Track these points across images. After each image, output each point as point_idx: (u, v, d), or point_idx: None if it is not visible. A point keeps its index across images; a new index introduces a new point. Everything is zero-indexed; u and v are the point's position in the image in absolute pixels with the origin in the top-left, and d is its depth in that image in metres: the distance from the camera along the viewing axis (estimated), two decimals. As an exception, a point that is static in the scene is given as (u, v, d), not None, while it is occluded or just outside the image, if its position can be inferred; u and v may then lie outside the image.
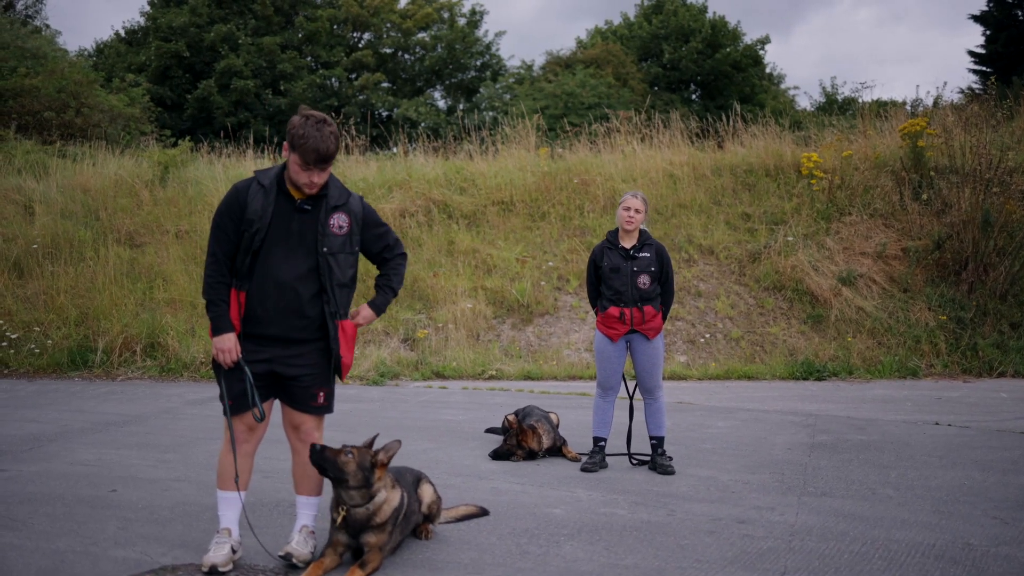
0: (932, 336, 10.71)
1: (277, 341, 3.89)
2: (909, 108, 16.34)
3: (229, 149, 15.96)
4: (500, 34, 46.14)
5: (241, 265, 3.86)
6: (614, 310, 5.77)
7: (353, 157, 15.18)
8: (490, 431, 6.93)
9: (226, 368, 3.86)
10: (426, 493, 4.33)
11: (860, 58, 64.94)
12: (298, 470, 4.10)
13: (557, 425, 6.45)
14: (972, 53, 27.70)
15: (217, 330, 3.85)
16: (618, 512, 4.82)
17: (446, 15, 34.80)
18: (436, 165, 14.39)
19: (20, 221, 12.74)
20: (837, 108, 24.14)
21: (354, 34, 34.21)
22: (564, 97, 26.69)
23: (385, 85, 33.04)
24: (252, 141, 16.39)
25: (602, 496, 5.17)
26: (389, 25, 34.04)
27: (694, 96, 34.49)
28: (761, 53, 35.43)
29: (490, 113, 26.33)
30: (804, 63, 67.25)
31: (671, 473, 5.70)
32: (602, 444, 5.95)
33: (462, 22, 35.16)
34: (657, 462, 5.81)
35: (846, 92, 30.24)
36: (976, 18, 27.33)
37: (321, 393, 4.00)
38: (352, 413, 7.81)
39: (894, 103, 17.50)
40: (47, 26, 28.56)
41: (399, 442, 4.01)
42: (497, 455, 6.10)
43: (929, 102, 16.61)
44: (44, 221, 12.58)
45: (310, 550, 3.96)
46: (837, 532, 4.44)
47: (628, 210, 5.80)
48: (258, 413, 3.88)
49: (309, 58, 31.53)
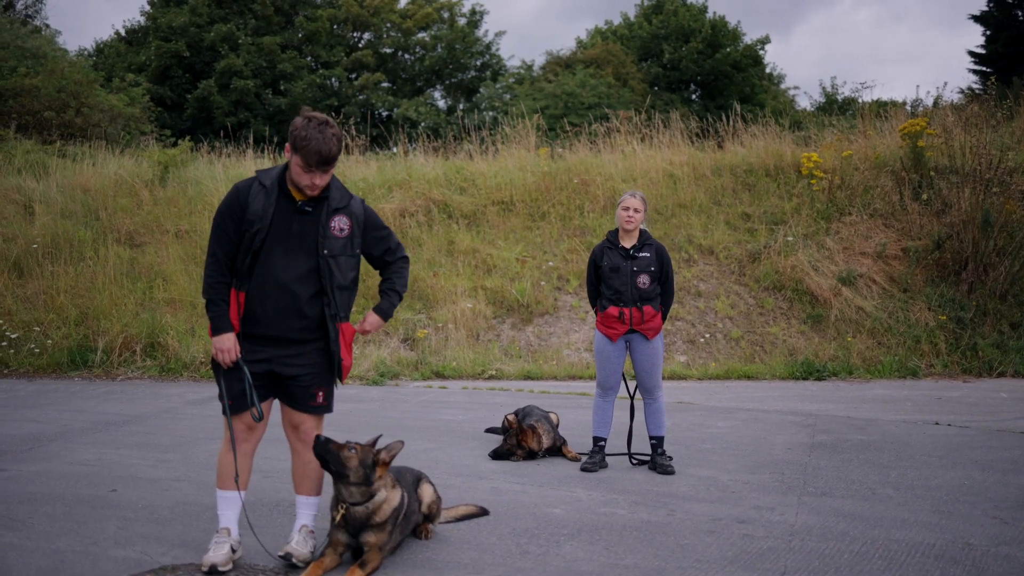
0: (932, 336, 10.71)
1: (276, 341, 3.90)
2: (909, 108, 16.35)
3: (229, 149, 15.96)
4: (500, 34, 46.20)
5: (241, 265, 3.86)
6: (613, 310, 5.77)
7: (353, 157, 15.18)
8: (490, 431, 6.93)
9: (225, 368, 3.87)
10: (426, 493, 4.33)
11: (860, 58, 65.01)
12: (298, 470, 4.11)
13: (557, 425, 6.45)
14: (972, 53, 27.73)
15: (216, 330, 3.86)
16: (618, 512, 4.83)
17: (446, 15, 34.80)
18: (436, 165, 14.39)
19: (20, 221, 12.74)
20: (837, 108, 24.13)
21: (354, 34, 34.21)
22: (564, 97, 26.69)
23: (385, 85, 33.04)
24: (252, 141, 16.38)
25: (602, 496, 5.17)
26: (389, 25, 34.04)
27: (694, 96, 34.49)
28: (761, 53, 35.45)
29: (490, 113, 26.32)
30: (804, 63, 67.31)
31: (671, 473, 5.70)
32: (602, 444, 5.95)
33: (462, 22, 35.16)
34: (657, 462, 5.82)
35: (846, 92, 30.28)
36: (976, 18, 27.33)
37: (320, 393, 4.00)
38: (352, 413, 7.80)
39: (894, 103, 17.51)
40: (47, 26, 28.60)
41: (402, 442, 4.02)
42: (497, 455, 6.11)
43: (929, 102, 16.64)
44: (44, 221, 12.58)
45: (310, 550, 3.97)
46: (837, 532, 4.44)
47: (627, 210, 5.80)
48: (256, 413, 3.88)
49: (309, 58, 31.52)
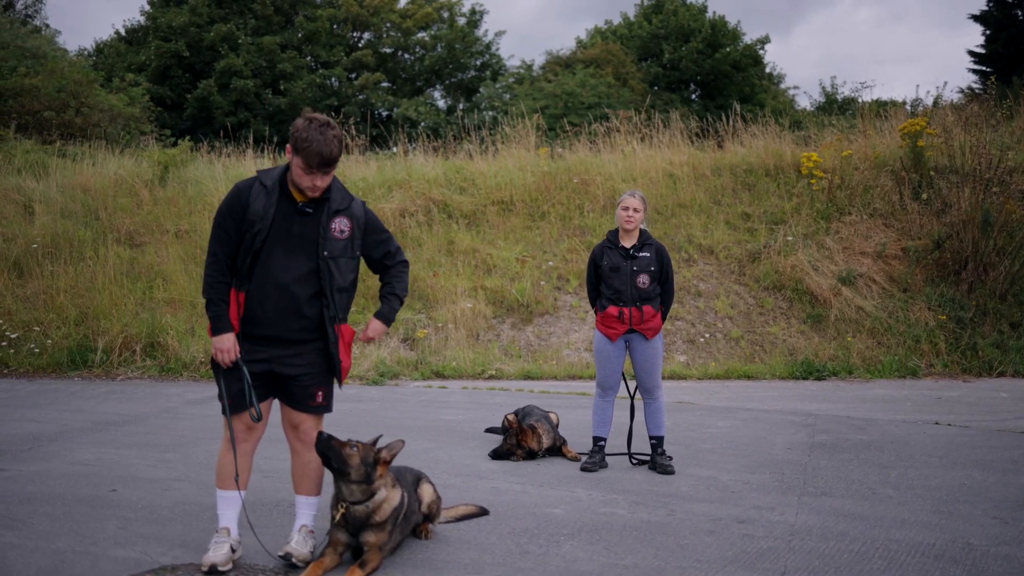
0: (932, 336, 10.71)
1: (276, 341, 3.90)
2: (909, 108, 16.34)
3: (229, 149, 15.96)
4: (500, 34, 46.14)
5: (241, 265, 3.86)
6: (613, 309, 5.78)
7: (353, 157, 15.18)
8: (490, 431, 6.93)
9: (225, 368, 3.87)
10: (426, 493, 4.33)
11: (860, 58, 64.98)
12: (297, 470, 4.11)
13: (557, 425, 6.45)
14: (972, 53, 27.73)
15: (216, 329, 3.86)
16: (618, 512, 4.83)
17: (446, 15, 34.79)
18: (436, 165, 14.39)
19: (20, 221, 12.73)
20: (837, 108, 24.09)
21: (354, 34, 34.20)
22: (564, 97, 26.68)
23: (385, 85, 33.03)
24: (252, 141, 16.38)
25: (602, 496, 5.17)
26: (389, 25, 34.04)
27: (694, 96, 34.48)
28: (761, 53, 35.44)
29: (490, 113, 26.31)
30: (804, 63, 67.28)
31: (671, 473, 5.70)
32: (602, 444, 5.96)
33: (462, 22, 35.15)
34: (657, 462, 5.82)
35: (846, 92, 30.22)
36: (976, 18, 27.34)
37: (320, 392, 4.00)
38: (352, 413, 7.80)
39: (894, 103, 17.49)
40: (47, 26, 28.62)
41: (402, 442, 4.02)
42: (497, 455, 6.11)
43: (929, 102, 16.61)
44: (44, 221, 12.58)
45: (309, 550, 3.97)
46: (837, 532, 4.44)
47: (627, 209, 5.80)
48: (255, 413, 3.88)
49: (309, 58, 31.52)
